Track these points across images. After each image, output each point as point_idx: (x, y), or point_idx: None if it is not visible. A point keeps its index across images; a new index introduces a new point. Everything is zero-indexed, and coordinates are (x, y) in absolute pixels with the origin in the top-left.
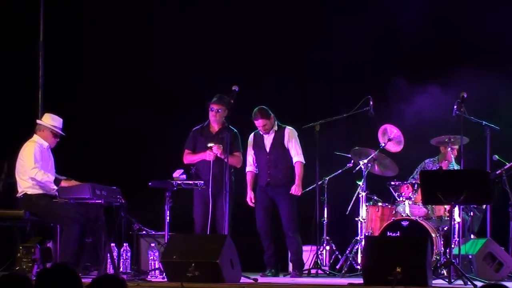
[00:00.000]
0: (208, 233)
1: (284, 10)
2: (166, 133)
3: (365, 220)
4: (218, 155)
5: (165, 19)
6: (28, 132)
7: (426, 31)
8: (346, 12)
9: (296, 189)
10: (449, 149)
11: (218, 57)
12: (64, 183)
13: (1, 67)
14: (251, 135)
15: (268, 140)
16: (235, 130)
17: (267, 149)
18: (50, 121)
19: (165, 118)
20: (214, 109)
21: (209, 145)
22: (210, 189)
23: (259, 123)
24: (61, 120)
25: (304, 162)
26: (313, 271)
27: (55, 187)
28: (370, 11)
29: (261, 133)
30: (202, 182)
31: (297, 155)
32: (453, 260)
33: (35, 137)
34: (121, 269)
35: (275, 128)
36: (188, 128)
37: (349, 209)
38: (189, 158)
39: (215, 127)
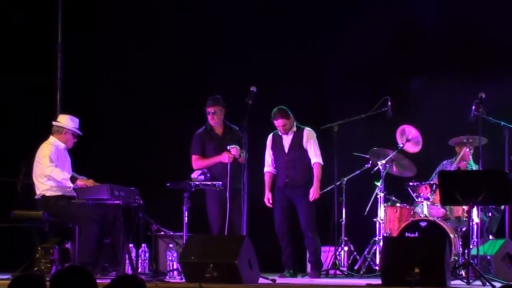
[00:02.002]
0: (225, 234)
1: (301, 8)
2: (184, 134)
3: (383, 221)
4: (236, 156)
5: (181, 21)
6: (46, 133)
7: (444, 30)
8: (364, 12)
9: (314, 193)
10: (467, 149)
11: (235, 57)
12: (80, 182)
13: (19, 68)
14: (270, 136)
15: (286, 140)
16: (237, 128)
17: (286, 150)
18: (70, 122)
19: (183, 119)
20: (211, 112)
21: (229, 147)
22: (228, 192)
23: (278, 123)
24: (77, 120)
25: (322, 163)
26: (331, 271)
27: (71, 185)
28: (388, 10)
29: (280, 133)
30: (220, 183)
31: (315, 156)
32: (471, 261)
33: (51, 139)
34: (139, 270)
35: (294, 129)
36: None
37: (367, 209)
38: (200, 163)
39: (219, 129)
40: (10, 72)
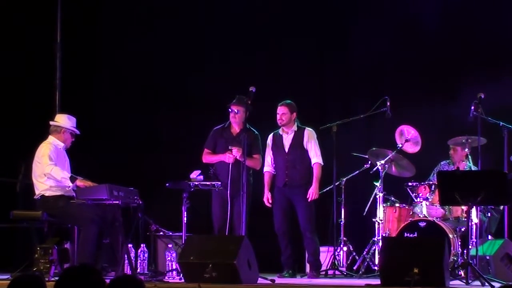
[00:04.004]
0: (226, 234)
1: (302, 10)
2: (183, 134)
3: (382, 221)
4: (238, 157)
5: (180, 20)
6: (46, 133)
7: (444, 31)
8: (365, 13)
9: (313, 194)
10: (466, 149)
11: (235, 57)
12: (79, 182)
13: (18, 68)
14: (270, 136)
15: (287, 140)
16: (256, 132)
17: (286, 149)
18: (68, 122)
19: (182, 118)
20: (234, 110)
21: (230, 147)
22: (228, 191)
23: (279, 109)
24: (75, 119)
25: (322, 163)
26: (330, 272)
27: (70, 184)
28: (388, 12)
29: (280, 127)
30: (219, 183)
31: (316, 157)
32: (470, 261)
33: (50, 138)
34: (138, 270)
35: (295, 128)
36: (205, 128)
37: (366, 210)
38: (208, 158)
39: (236, 128)
40: (9, 72)
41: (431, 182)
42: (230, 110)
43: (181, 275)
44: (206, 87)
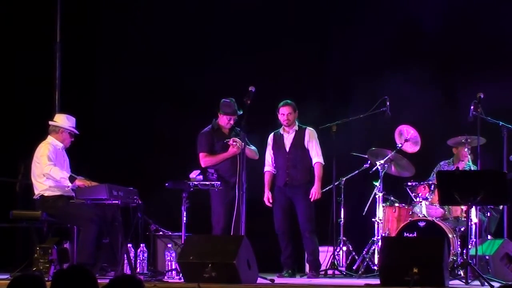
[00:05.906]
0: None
1: (302, 10)
2: (183, 134)
3: (381, 221)
4: (240, 144)
5: (180, 20)
6: (45, 133)
7: (444, 31)
8: (364, 12)
9: (315, 193)
10: (465, 149)
11: (235, 57)
12: (78, 182)
13: (18, 68)
14: (271, 135)
15: (288, 139)
16: (239, 129)
17: (287, 149)
18: (67, 122)
19: (182, 119)
20: (232, 119)
21: (226, 140)
22: (236, 190)
23: (285, 110)
24: (74, 119)
25: (323, 163)
26: (329, 271)
27: (69, 184)
28: (389, 11)
29: (283, 125)
30: (219, 182)
31: (317, 156)
32: (470, 261)
33: (49, 138)
34: (137, 270)
35: (296, 128)
36: (204, 128)
37: (365, 209)
38: (209, 160)
39: (226, 129)
40: (9, 72)
41: (430, 182)
42: (228, 119)
43: (181, 275)
44: (206, 87)
